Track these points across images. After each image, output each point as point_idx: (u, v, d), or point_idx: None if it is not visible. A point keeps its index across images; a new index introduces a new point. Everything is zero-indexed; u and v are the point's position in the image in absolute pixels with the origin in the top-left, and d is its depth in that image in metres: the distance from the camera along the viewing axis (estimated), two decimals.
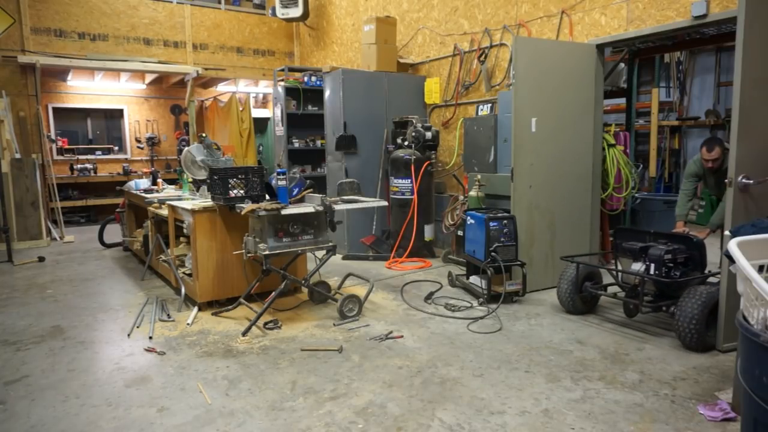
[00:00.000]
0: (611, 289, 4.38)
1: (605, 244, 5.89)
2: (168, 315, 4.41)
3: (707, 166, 4.61)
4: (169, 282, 5.33)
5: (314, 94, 8.06)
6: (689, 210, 4.85)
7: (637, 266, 3.97)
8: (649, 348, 3.63)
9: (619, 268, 4.26)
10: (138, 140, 10.66)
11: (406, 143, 6.45)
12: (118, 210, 7.41)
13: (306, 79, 8.07)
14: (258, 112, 11.12)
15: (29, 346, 3.83)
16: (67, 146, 9.99)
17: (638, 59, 6.55)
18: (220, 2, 10.83)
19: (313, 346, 3.74)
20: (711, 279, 3.99)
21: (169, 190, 6.19)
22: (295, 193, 4.43)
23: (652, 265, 3.80)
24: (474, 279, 4.92)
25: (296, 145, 8.22)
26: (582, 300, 4.30)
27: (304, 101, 8.08)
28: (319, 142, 8.27)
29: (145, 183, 6.62)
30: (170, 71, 9.79)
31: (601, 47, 5.21)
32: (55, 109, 9.96)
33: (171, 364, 3.47)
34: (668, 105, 10.47)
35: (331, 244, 4.34)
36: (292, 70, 8.41)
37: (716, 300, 3.41)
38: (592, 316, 4.34)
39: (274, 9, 9.84)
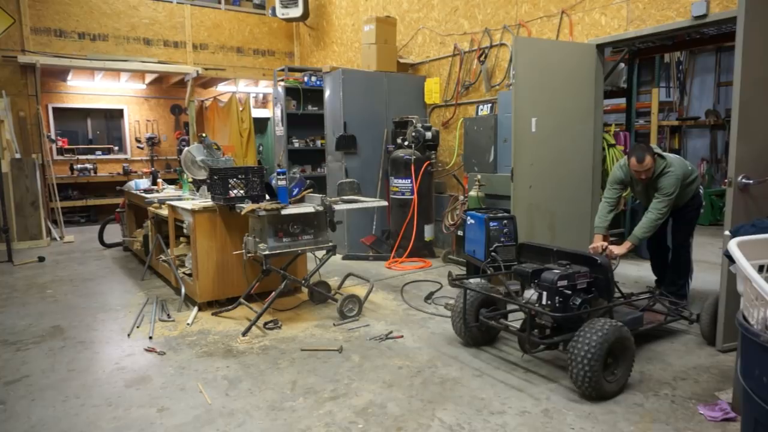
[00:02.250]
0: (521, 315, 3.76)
1: None
2: (168, 315, 4.41)
3: (640, 178, 4.01)
4: (169, 282, 5.33)
5: (314, 94, 8.06)
6: (609, 222, 4.22)
7: (530, 293, 3.36)
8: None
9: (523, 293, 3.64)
10: (138, 140, 10.66)
11: (406, 143, 6.45)
12: (118, 210, 7.41)
13: (306, 79, 8.07)
14: (258, 112, 11.12)
15: (29, 346, 3.83)
16: (67, 146, 9.99)
17: (638, 59, 6.54)
18: (220, 2, 10.83)
19: (313, 346, 3.74)
20: (622, 308, 3.57)
21: (169, 190, 6.19)
22: (295, 193, 4.43)
23: (544, 293, 3.13)
24: (474, 281, 4.92)
25: (296, 145, 8.22)
26: (480, 329, 3.62)
27: (304, 101, 8.08)
28: (319, 142, 8.27)
29: (145, 183, 6.62)
30: (170, 71, 9.79)
31: (601, 47, 5.22)
32: (55, 109, 9.96)
33: (171, 364, 3.47)
34: (668, 105, 10.47)
35: (331, 244, 4.34)
36: (292, 70, 8.41)
37: (619, 336, 2.87)
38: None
39: (274, 9, 9.84)
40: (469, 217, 4.97)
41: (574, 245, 5.15)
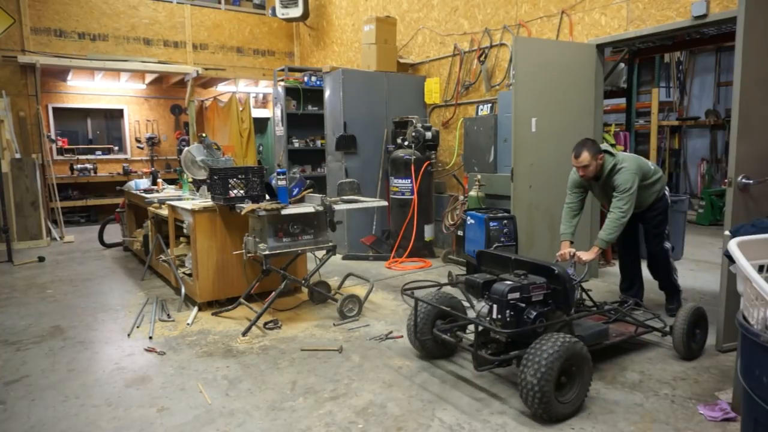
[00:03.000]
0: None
1: None
2: (168, 315, 4.41)
3: (580, 174, 3.86)
4: (169, 282, 5.33)
5: (314, 94, 8.06)
6: (575, 227, 3.99)
7: (480, 306, 3.13)
8: None
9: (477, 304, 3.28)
10: (138, 140, 10.66)
11: (406, 143, 6.45)
12: (118, 210, 7.41)
13: (306, 79, 8.06)
14: (258, 112, 11.11)
15: (29, 346, 3.83)
16: (67, 146, 9.98)
17: (638, 59, 6.55)
18: (220, 2, 10.83)
19: (313, 346, 3.74)
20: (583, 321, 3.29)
21: (169, 190, 6.19)
22: (295, 193, 4.43)
23: (494, 306, 2.93)
24: None
25: (296, 145, 8.22)
26: (436, 342, 3.39)
27: (304, 101, 8.07)
28: (319, 142, 8.27)
29: (145, 183, 6.62)
30: (170, 71, 9.78)
31: (601, 47, 5.21)
32: (55, 109, 9.96)
33: (171, 364, 3.47)
34: (668, 105, 10.47)
35: (331, 244, 4.34)
36: (292, 70, 8.40)
37: (574, 353, 2.66)
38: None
39: (274, 9, 9.84)
40: (469, 217, 4.97)
41: (575, 245, 5.16)
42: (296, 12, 9.56)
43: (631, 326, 3.54)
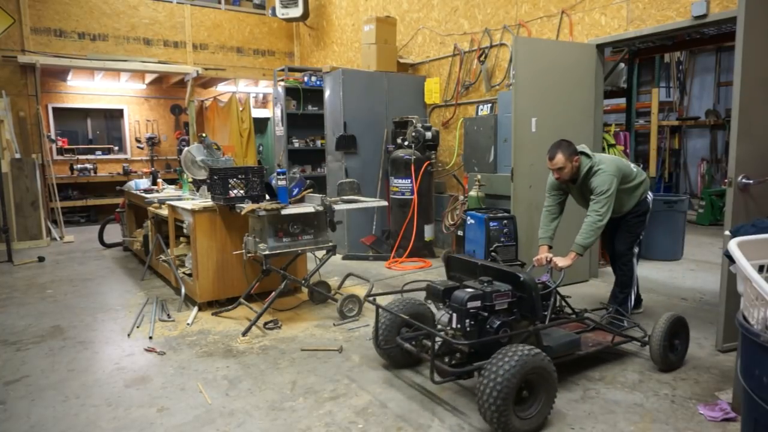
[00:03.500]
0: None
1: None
2: (168, 315, 4.41)
3: (555, 177, 3.73)
4: (169, 282, 5.33)
5: (314, 94, 8.06)
6: (554, 231, 3.83)
7: (440, 314, 3.01)
8: None
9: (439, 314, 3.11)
10: (138, 140, 10.66)
11: (406, 143, 6.45)
12: (118, 210, 7.41)
13: (306, 79, 8.06)
14: (258, 112, 11.11)
15: (29, 346, 3.83)
16: (67, 146, 9.98)
17: (638, 59, 6.55)
18: (220, 2, 10.83)
19: (313, 346, 3.74)
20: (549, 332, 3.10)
21: (169, 190, 6.19)
22: (295, 193, 4.43)
23: (454, 315, 2.81)
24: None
25: (296, 145, 8.22)
26: (401, 350, 3.21)
27: (304, 101, 8.08)
28: (319, 142, 8.27)
29: (145, 183, 6.62)
30: (170, 71, 9.79)
31: (601, 47, 5.22)
32: (55, 109, 9.96)
33: (171, 364, 3.47)
34: (668, 105, 10.47)
35: (331, 244, 4.34)
36: (292, 70, 8.41)
37: (536, 365, 2.51)
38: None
39: (274, 9, 9.84)
40: (469, 217, 4.97)
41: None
42: (296, 12, 9.56)
43: (608, 335, 3.39)
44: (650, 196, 3.99)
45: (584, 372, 3.24)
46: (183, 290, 4.75)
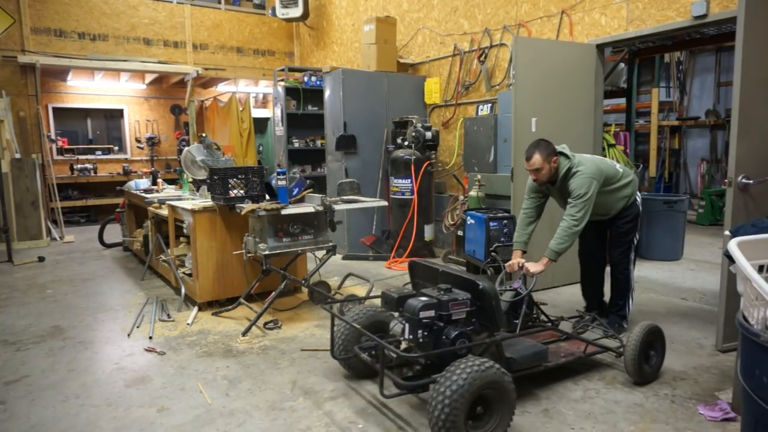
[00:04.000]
0: None
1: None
2: (168, 315, 4.41)
3: (533, 178, 3.58)
4: (169, 282, 5.33)
5: (314, 94, 8.06)
6: (529, 236, 3.67)
7: (393, 324, 2.84)
8: None
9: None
10: (138, 140, 10.66)
11: (406, 143, 6.45)
12: (118, 210, 7.40)
13: (306, 79, 8.07)
14: (258, 112, 11.12)
15: (29, 346, 3.83)
16: (67, 146, 9.98)
17: (638, 59, 6.55)
18: (220, 2, 10.83)
19: (313, 346, 3.74)
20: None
21: (169, 190, 6.19)
22: (295, 193, 4.43)
23: (407, 326, 2.68)
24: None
25: (296, 145, 8.22)
26: (359, 359, 3.02)
27: (304, 101, 8.08)
28: (319, 142, 8.27)
29: (145, 183, 6.62)
30: (170, 71, 9.78)
31: (601, 47, 5.22)
32: (55, 109, 9.96)
33: (171, 364, 3.47)
34: (668, 105, 10.48)
35: (331, 244, 4.34)
36: (292, 70, 8.41)
37: (491, 380, 2.38)
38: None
39: (274, 9, 9.84)
40: (469, 217, 4.97)
41: (573, 246, 5.15)
42: (296, 12, 9.56)
43: (581, 345, 3.25)
44: (639, 197, 3.78)
45: (584, 372, 3.24)
46: (183, 290, 4.75)
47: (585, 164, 3.50)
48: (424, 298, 2.70)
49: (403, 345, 2.70)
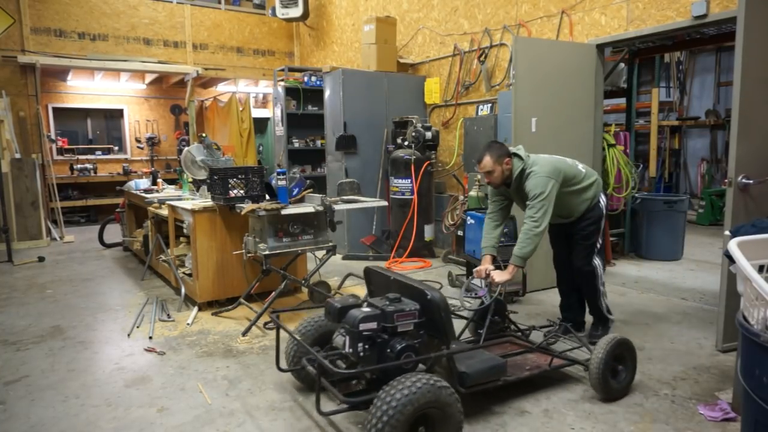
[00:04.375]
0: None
1: (605, 244, 5.89)
2: (168, 315, 4.41)
3: (486, 181, 3.50)
4: (169, 282, 5.33)
5: (314, 94, 8.06)
6: (497, 240, 3.54)
7: (335, 336, 2.70)
8: None
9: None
10: (138, 140, 10.66)
11: (406, 143, 6.45)
12: (118, 210, 7.41)
13: (306, 79, 8.07)
14: (258, 112, 11.12)
15: (29, 346, 3.83)
16: (67, 146, 9.98)
17: (638, 59, 6.53)
18: (220, 2, 10.83)
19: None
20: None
21: (169, 190, 6.19)
22: (295, 193, 4.43)
23: (347, 338, 2.52)
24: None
25: (296, 145, 8.22)
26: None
27: (304, 101, 8.08)
28: (319, 142, 8.27)
29: (145, 183, 6.62)
30: (170, 71, 9.79)
31: (601, 47, 5.22)
32: (55, 109, 9.96)
33: (171, 364, 3.47)
34: (668, 105, 10.47)
35: (331, 244, 4.34)
36: (292, 70, 8.41)
37: (433, 399, 2.22)
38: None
39: (274, 9, 9.84)
40: (469, 217, 4.96)
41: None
42: (296, 12, 9.56)
43: (547, 358, 3.06)
44: (603, 200, 3.64)
45: (584, 372, 3.24)
46: (183, 290, 4.75)
47: (540, 164, 3.41)
48: (366, 309, 2.54)
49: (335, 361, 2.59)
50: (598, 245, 3.63)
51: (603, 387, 2.83)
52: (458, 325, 3.14)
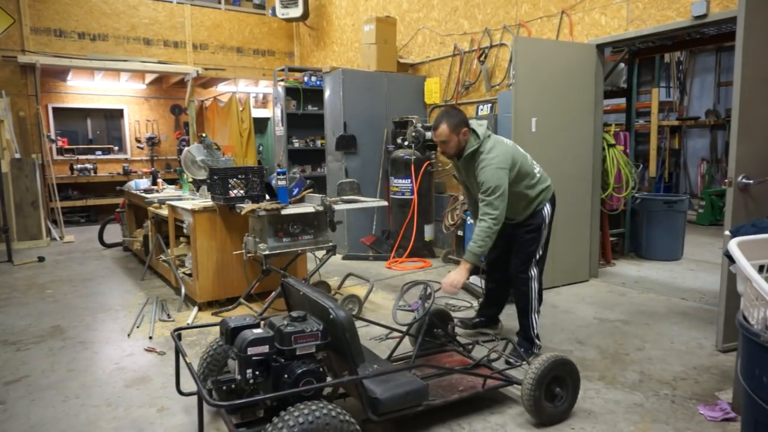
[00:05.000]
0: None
1: (605, 244, 5.89)
2: (168, 315, 4.41)
3: (440, 150, 3.35)
4: (169, 282, 5.33)
5: (314, 94, 8.06)
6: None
7: (230, 360, 2.43)
8: None
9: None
10: (138, 140, 10.66)
11: (406, 143, 6.45)
12: (118, 210, 7.41)
13: (306, 79, 8.07)
14: (258, 112, 11.12)
15: (29, 346, 3.83)
16: (67, 146, 9.98)
17: (638, 59, 6.54)
18: (220, 2, 10.83)
19: None
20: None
21: (169, 190, 6.19)
22: (295, 193, 4.43)
23: (236, 364, 2.28)
24: (474, 279, 4.92)
25: (296, 145, 8.22)
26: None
27: (304, 101, 8.08)
28: (319, 142, 8.27)
29: (145, 183, 6.62)
30: (170, 71, 9.79)
31: (601, 47, 5.21)
32: (55, 109, 9.96)
33: (171, 364, 3.46)
34: (668, 105, 10.47)
35: (331, 244, 4.34)
36: (292, 70, 8.41)
37: (334, 430, 2.01)
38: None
39: (274, 9, 9.84)
40: (469, 217, 4.97)
41: (574, 245, 5.16)
42: (296, 12, 9.56)
43: (480, 378, 2.77)
44: (548, 209, 3.42)
45: (584, 372, 3.24)
46: (183, 290, 4.75)
47: (495, 152, 3.18)
48: (258, 331, 2.29)
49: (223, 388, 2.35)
50: (537, 256, 3.41)
51: (535, 410, 2.57)
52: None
